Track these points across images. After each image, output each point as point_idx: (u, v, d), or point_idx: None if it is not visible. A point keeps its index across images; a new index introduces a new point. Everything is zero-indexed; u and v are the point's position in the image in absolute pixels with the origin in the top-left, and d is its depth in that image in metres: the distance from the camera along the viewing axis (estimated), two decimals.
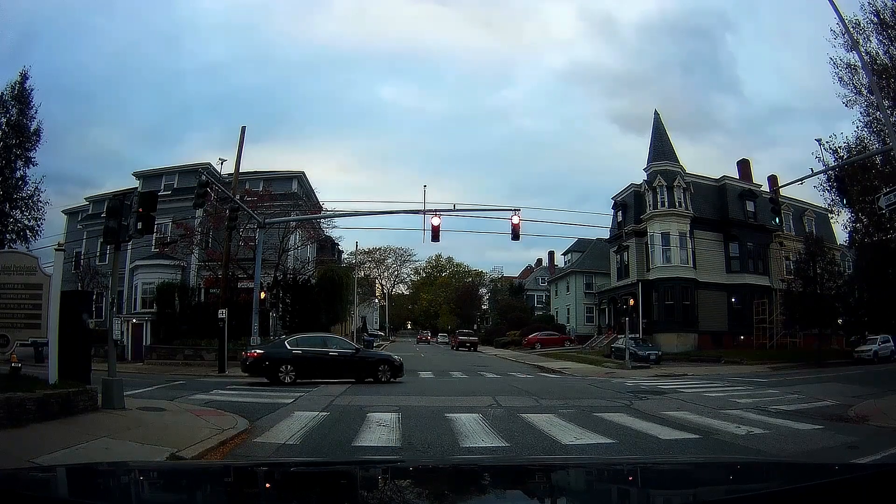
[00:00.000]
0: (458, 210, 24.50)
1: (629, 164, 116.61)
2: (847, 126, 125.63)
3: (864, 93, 21.76)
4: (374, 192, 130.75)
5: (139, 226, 10.57)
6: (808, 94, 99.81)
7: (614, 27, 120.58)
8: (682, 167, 41.53)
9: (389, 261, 79.38)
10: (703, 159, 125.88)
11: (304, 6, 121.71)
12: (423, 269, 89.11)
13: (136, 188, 31.94)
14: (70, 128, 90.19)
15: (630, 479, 2.46)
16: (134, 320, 32.32)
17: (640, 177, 43.08)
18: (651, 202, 40.80)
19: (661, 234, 39.66)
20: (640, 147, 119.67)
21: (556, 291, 61.93)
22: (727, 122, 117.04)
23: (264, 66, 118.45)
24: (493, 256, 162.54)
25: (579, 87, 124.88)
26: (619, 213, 45.29)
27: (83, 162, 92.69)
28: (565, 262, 63.03)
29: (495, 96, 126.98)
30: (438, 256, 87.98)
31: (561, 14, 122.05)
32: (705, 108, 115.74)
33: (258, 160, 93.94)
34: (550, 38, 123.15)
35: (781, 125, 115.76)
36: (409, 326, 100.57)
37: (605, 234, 47.16)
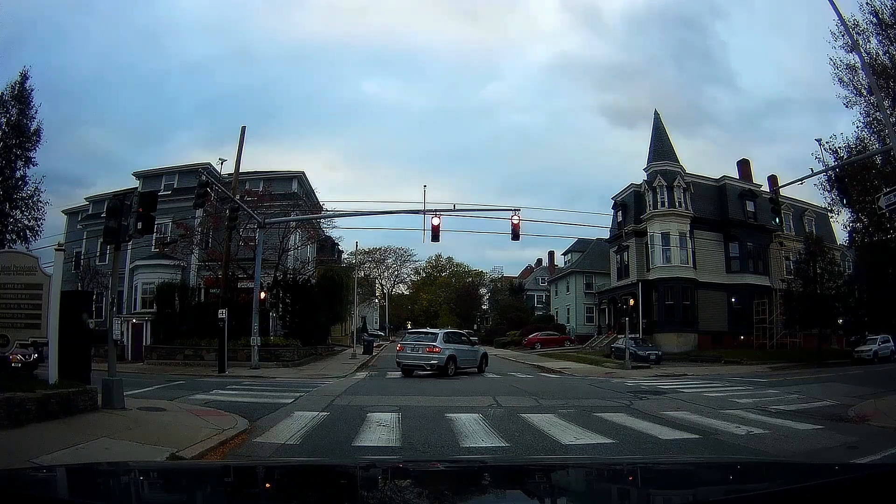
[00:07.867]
0: (457, 210, 24.56)
1: (622, 160, 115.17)
2: (846, 120, 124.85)
3: (865, 93, 21.80)
4: (363, 190, 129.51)
5: (139, 226, 10.59)
6: (806, 85, 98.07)
7: (600, 17, 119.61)
8: (681, 167, 41.56)
9: (389, 261, 79.33)
10: (698, 155, 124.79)
11: (283, 1, 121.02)
12: (423, 269, 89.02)
13: (136, 188, 31.99)
14: (59, 127, 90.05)
15: (630, 479, 2.46)
16: (134, 320, 32.32)
17: (633, 171, 43.37)
18: (651, 202, 40.82)
19: (661, 234, 39.68)
20: (632, 142, 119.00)
21: (556, 291, 61.92)
22: (722, 117, 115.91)
23: (248, 64, 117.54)
24: (493, 256, 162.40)
25: (568, 80, 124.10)
26: (619, 213, 45.32)
27: (75, 161, 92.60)
28: (565, 262, 63.04)
29: (482, 91, 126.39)
30: (438, 256, 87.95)
31: (545, 4, 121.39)
32: (699, 102, 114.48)
33: (249, 159, 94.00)
34: (536, 29, 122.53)
35: (779, 119, 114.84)
36: (409, 326, 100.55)
37: (605, 234, 47.20)
